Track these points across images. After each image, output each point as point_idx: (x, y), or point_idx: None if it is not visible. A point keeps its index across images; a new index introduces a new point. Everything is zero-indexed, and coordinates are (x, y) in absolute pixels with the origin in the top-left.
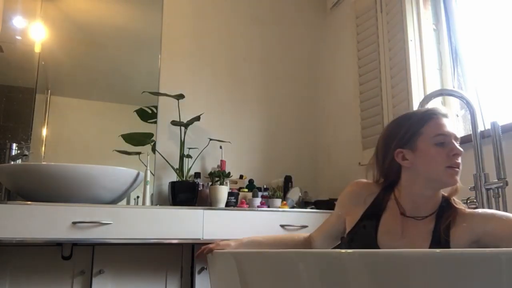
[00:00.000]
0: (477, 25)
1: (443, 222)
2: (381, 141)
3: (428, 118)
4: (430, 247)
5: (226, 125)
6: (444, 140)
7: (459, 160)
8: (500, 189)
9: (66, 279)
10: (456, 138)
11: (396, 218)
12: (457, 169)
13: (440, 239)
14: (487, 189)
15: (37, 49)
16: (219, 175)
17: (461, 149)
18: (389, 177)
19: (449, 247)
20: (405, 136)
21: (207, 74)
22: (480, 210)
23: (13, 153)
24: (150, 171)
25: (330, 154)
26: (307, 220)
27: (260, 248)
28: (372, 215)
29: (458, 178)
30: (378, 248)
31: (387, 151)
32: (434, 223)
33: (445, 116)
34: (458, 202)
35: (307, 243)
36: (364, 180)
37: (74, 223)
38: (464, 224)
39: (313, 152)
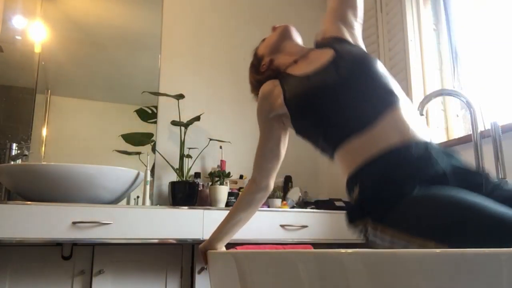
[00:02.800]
0: (477, 25)
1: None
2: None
3: None
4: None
5: (226, 125)
6: None
7: None
8: None
9: (66, 279)
10: None
11: (295, 65)
12: None
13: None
14: None
15: (37, 49)
16: (219, 175)
17: None
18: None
19: None
20: None
21: (207, 74)
22: None
23: (13, 153)
24: (150, 171)
25: None
26: (307, 220)
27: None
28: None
29: None
30: (312, 84)
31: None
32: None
33: None
34: None
35: (262, 191)
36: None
37: (74, 223)
38: None
39: (313, 152)
